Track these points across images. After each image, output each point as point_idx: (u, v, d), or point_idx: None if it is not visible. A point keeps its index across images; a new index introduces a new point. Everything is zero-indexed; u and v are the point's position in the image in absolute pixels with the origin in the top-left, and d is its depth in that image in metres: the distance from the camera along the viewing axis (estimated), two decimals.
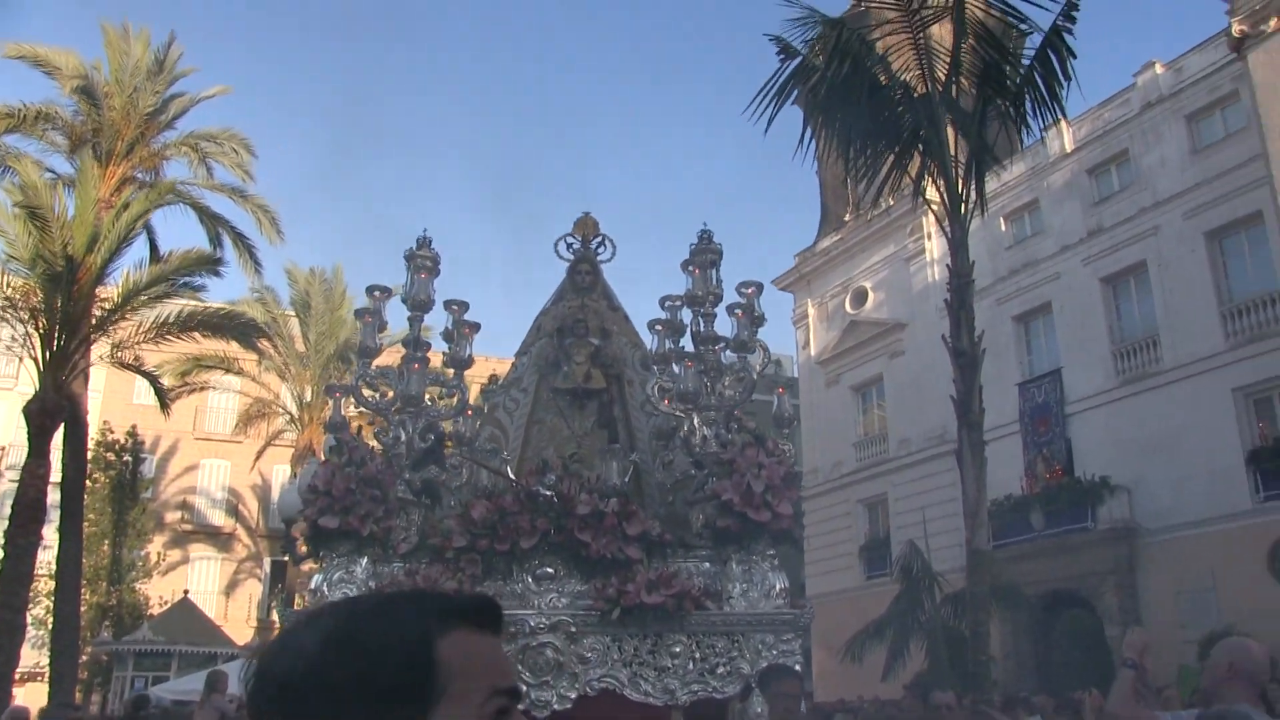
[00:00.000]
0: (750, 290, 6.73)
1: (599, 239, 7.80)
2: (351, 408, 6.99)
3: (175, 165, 25.77)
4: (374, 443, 6.35)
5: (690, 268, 6.72)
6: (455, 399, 6.75)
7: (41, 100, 23.24)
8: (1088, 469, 25.86)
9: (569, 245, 7.76)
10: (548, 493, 5.75)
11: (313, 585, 5.87)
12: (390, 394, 6.45)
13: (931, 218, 17.51)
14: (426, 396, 6.54)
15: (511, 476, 6.25)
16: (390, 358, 7.83)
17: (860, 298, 34.77)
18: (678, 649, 5.59)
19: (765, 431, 6.18)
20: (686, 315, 6.88)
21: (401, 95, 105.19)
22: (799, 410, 37.28)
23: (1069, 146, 28.38)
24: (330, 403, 6.70)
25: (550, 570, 5.75)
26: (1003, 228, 30.01)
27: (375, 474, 5.80)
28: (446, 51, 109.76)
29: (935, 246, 29.80)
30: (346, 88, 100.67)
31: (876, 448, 33.36)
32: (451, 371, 6.84)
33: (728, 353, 6.61)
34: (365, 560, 5.82)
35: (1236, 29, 22.00)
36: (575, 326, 7.34)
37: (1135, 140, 26.67)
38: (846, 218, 35.00)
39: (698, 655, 5.61)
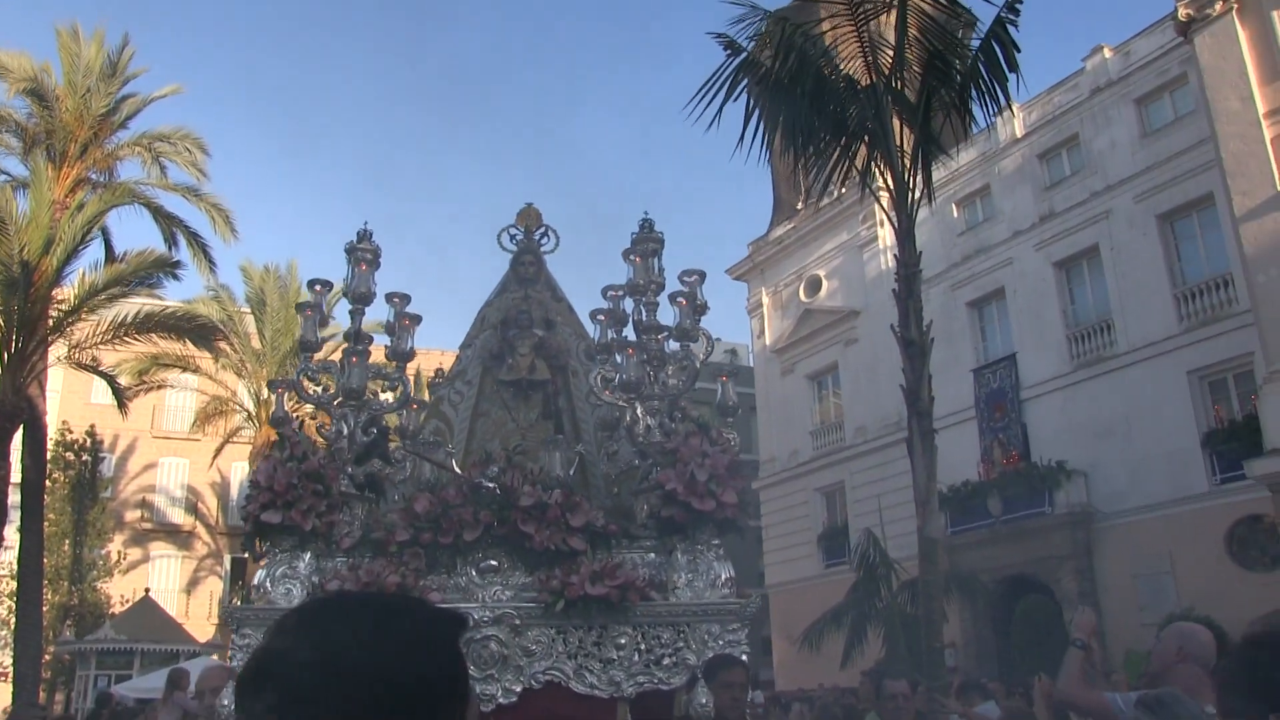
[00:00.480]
0: (693, 278, 6.71)
1: (542, 230, 7.77)
2: (298, 402, 6.90)
3: (129, 165, 25.61)
4: (318, 438, 6.30)
5: (631, 256, 6.69)
6: (398, 392, 6.69)
7: None
8: (1044, 454, 26.00)
9: (512, 237, 7.73)
10: (491, 485, 5.73)
11: (255, 581, 5.81)
12: (333, 388, 6.39)
13: (883, 205, 17.54)
14: (369, 390, 6.49)
15: (455, 469, 6.22)
16: (338, 353, 7.77)
17: (814, 286, 34.83)
18: (623, 640, 5.58)
19: (710, 420, 6.17)
20: (629, 305, 6.86)
21: (349, 89, 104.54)
22: (755, 399, 37.45)
23: (1019, 132, 28.51)
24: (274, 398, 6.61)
25: (494, 563, 5.74)
26: (955, 214, 30.16)
27: (317, 468, 5.75)
28: (389, 44, 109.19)
29: (888, 234, 29.87)
30: (298, 81, 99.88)
31: (833, 436, 33.44)
32: (394, 364, 6.79)
33: (671, 342, 6.58)
34: (309, 555, 5.78)
35: (1183, 12, 22.15)
36: (519, 318, 7.30)
37: (1085, 124, 26.85)
38: (799, 206, 35.06)
39: (643, 647, 5.60)
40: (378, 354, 7.06)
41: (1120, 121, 25.99)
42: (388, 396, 6.83)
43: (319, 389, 6.42)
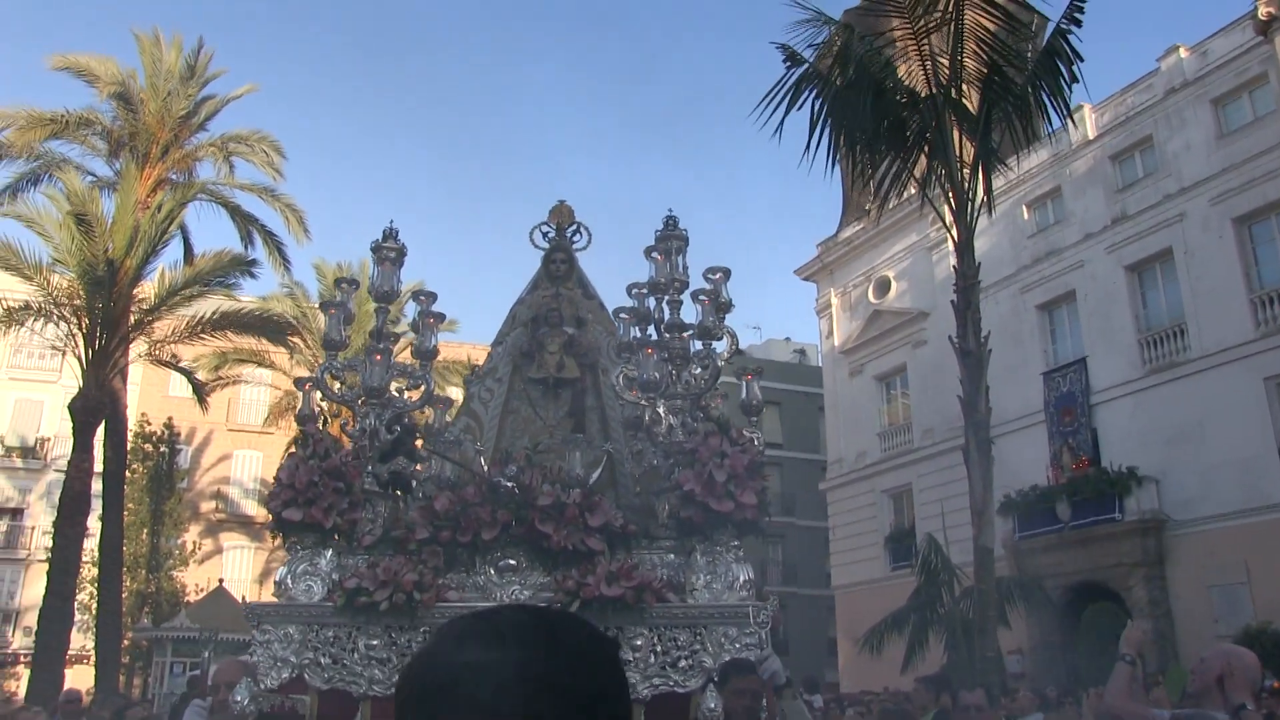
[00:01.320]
0: (718, 276, 6.68)
1: (574, 227, 7.76)
2: (324, 399, 6.99)
3: (207, 166, 26.38)
4: (344, 436, 6.37)
5: (654, 254, 6.66)
6: (421, 390, 6.73)
7: (84, 107, 23.94)
8: (1114, 459, 25.56)
9: (544, 234, 7.73)
10: (509, 484, 5.74)
11: (277, 577, 5.88)
12: (357, 385, 6.46)
13: (941, 216, 17.41)
14: (394, 388, 6.54)
15: (483, 466, 6.24)
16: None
17: (883, 287, 34.56)
18: (639, 642, 5.56)
19: (729, 419, 6.13)
20: (652, 302, 6.83)
21: (416, 92, 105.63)
22: (823, 400, 37.26)
23: (1091, 133, 28.03)
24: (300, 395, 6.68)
25: (512, 562, 5.75)
26: (1025, 216, 29.73)
27: (339, 466, 5.80)
28: (457, 54, 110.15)
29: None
30: (370, 82, 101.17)
31: (901, 438, 33.14)
32: (419, 362, 6.84)
33: (696, 341, 6.54)
34: (330, 552, 5.84)
35: (1263, 11, 21.66)
36: (549, 316, 7.30)
37: (1159, 126, 26.31)
38: (868, 207, 34.84)
39: (659, 649, 5.58)
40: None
41: (1195, 122, 25.42)
42: (414, 394, 6.85)
43: (344, 387, 6.48)
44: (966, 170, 15.53)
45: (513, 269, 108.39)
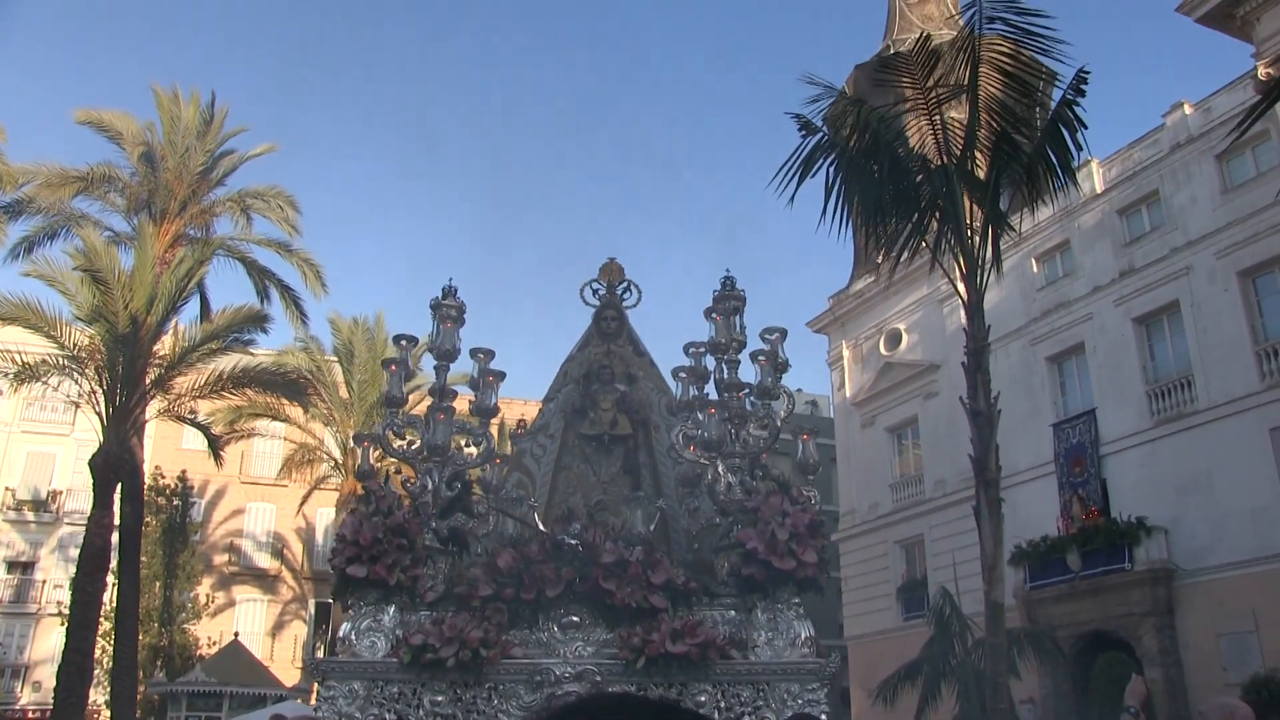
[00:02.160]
0: (774, 336, 6.85)
1: (624, 284, 7.91)
2: (384, 456, 7.13)
3: (224, 220, 26.63)
4: (403, 491, 6.50)
5: (713, 315, 6.83)
6: (481, 447, 6.88)
7: (100, 161, 24.22)
8: (1124, 509, 25.64)
9: (594, 291, 7.89)
10: (573, 541, 5.88)
11: (341, 633, 6.00)
12: (418, 442, 6.60)
13: (953, 281, 17.90)
14: (454, 444, 6.68)
15: (538, 524, 6.37)
16: (423, 405, 7.97)
17: (894, 339, 34.78)
18: (703, 698, 5.67)
19: (790, 478, 6.28)
20: (710, 362, 6.99)
21: (440, 134, 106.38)
22: (835, 451, 37.37)
23: (1099, 187, 28.37)
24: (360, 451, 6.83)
25: (575, 619, 5.87)
26: (1035, 269, 29.99)
27: (402, 522, 5.94)
28: (481, 93, 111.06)
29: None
30: (386, 131, 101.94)
31: (912, 489, 33.22)
32: (478, 420, 6.99)
33: (752, 399, 6.70)
34: (393, 608, 5.96)
35: (1263, 72, 21.93)
36: (601, 373, 7.46)
37: (1165, 180, 26.64)
38: (880, 260, 35.14)
39: (723, 704, 5.68)
40: (462, 407, 7.24)
41: (1201, 177, 25.75)
42: (472, 451, 7.00)
43: (404, 443, 6.62)
44: (976, 235, 15.88)
45: (536, 321, 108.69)
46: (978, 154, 15.55)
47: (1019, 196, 16.98)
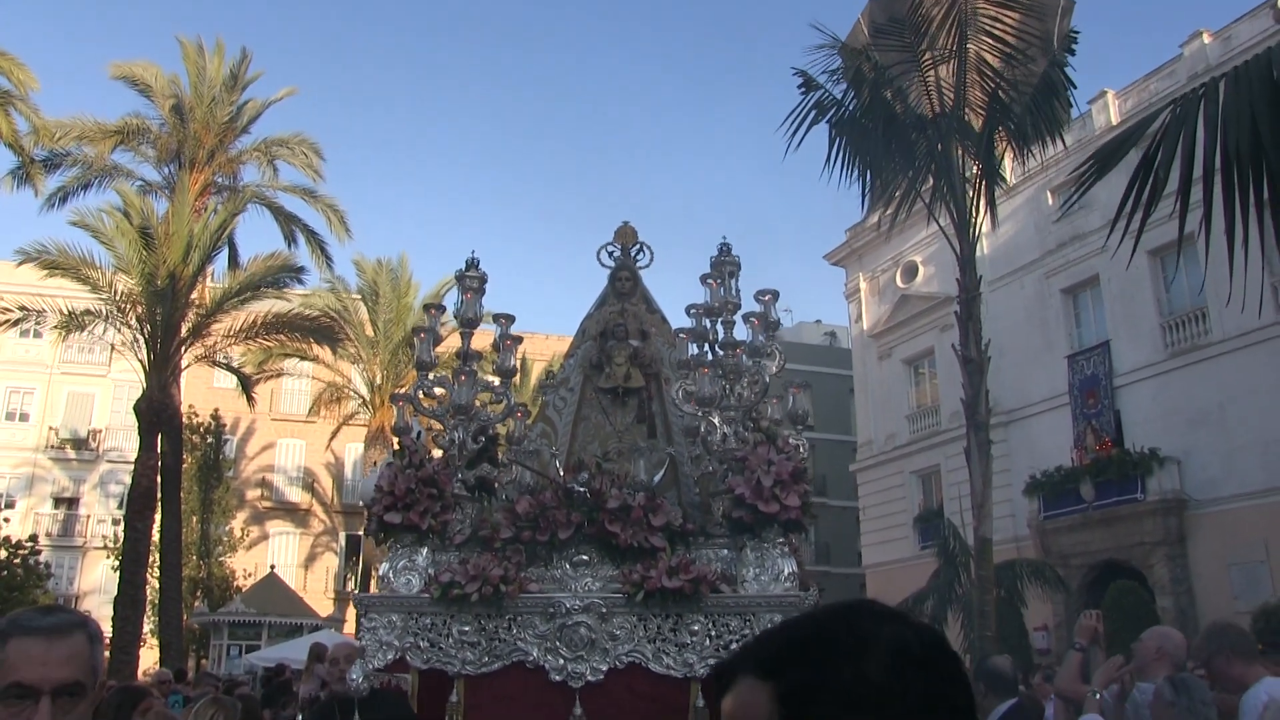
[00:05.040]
0: (767, 298, 7.43)
1: (637, 247, 8.51)
2: (415, 414, 7.79)
3: (250, 168, 27.28)
4: (434, 446, 7.17)
5: (709, 280, 7.42)
6: (503, 404, 7.55)
7: (129, 113, 24.90)
8: (1137, 441, 26.15)
9: (610, 253, 8.49)
10: (582, 489, 6.53)
11: (380, 572, 6.70)
12: (447, 400, 7.25)
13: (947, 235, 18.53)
14: (478, 401, 7.34)
15: (559, 470, 7.04)
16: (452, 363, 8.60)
17: (910, 272, 35.16)
18: (696, 627, 6.30)
19: (776, 430, 6.90)
20: (708, 323, 7.58)
21: (453, 92, 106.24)
22: (853, 383, 37.99)
23: (1115, 119, 28.45)
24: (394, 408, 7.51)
25: (585, 557, 6.53)
26: (1050, 201, 30.20)
27: (432, 474, 6.60)
28: (501, 49, 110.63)
29: (985, 222, 30.25)
30: (404, 75, 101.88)
31: (929, 420, 33.79)
32: (499, 379, 7.65)
33: (744, 358, 7.29)
34: (425, 550, 6.63)
35: None
36: (616, 330, 8.05)
37: None
38: (879, 218, 35.55)
39: (714, 633, 6.32)
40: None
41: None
42: (496, 407, 7.66)
43: (434, 402, 7.28)
44: (971, 187, 16.49)
45: (558, 256, 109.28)
46: (970, 112, 16.11)
47: (1033, 129, 17.54)
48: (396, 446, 6.84)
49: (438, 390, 7.31)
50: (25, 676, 1.98)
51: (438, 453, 7.02)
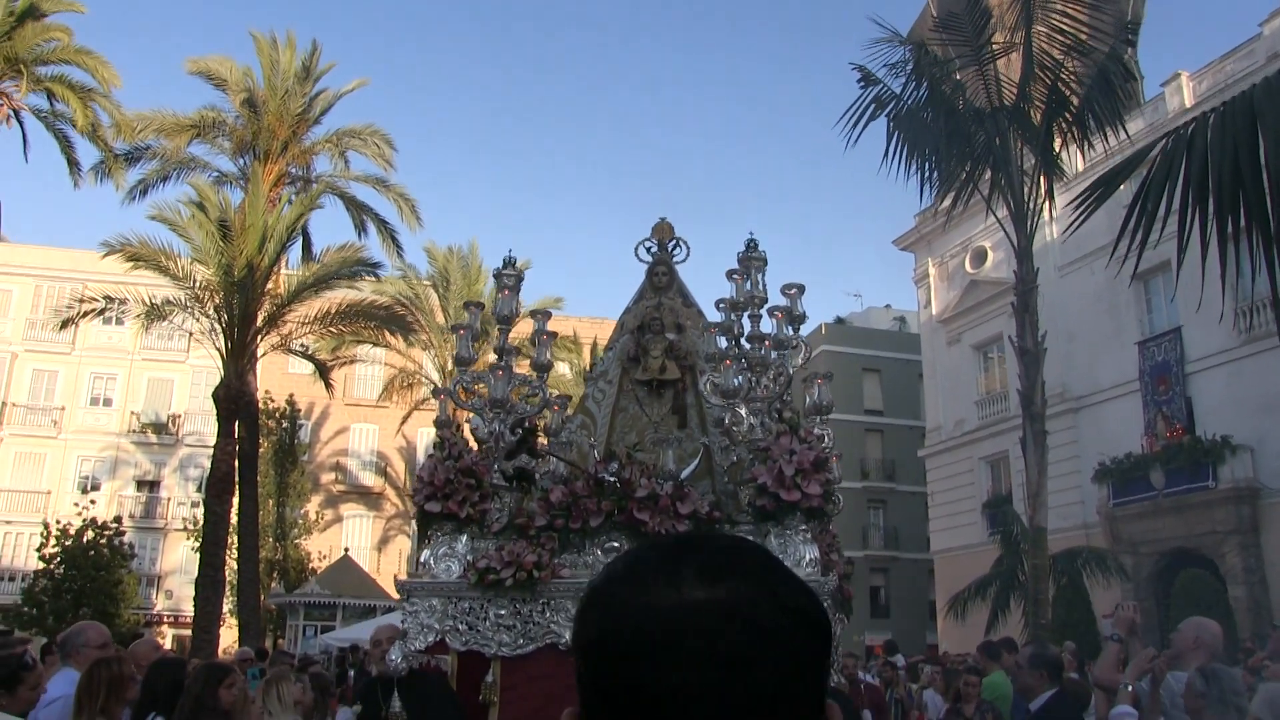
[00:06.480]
0: (793, 291, 7.62)
1: (674, 242, 8.73)
2: (456, 407, 8.08)
3: (322, 158, 27.87)
4: (473, 439, 7.46)
5: (735, 275, 7.63)
6: (538, 398, 7.83)
7: (205, 105, 25.60)
8: (1209, 428, 25.83)
9: (648, 249, 8.72)
10: (612, 479, 6.78)
11: (422, 559, 7.01)
12: (486, 394, 7.53)
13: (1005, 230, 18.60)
14: (516, 395, 7.61)
15: (583, 466, 7.30)
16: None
17: (980, 257, 34.93)
18: None
19: (799, 420, 7.08)
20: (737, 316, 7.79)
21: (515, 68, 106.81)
22: (921, 368, 37.86)
23: (1189, 101, 27.99)
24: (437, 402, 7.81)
25: (615, 544, 6.79)
26: (1123, 185, 29.75)
27: (470, 465, 6.89)
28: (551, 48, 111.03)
29: (1056, 204, 30.01)
30: (476, 66, 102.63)
31: (998, 405, 33.58)
32: (536, 374, 7.91)
33: (771, 351, 7.49)
34: (464, 537, 6.93)
35: None
36: (652, 324, 8.29)
37: None
38: (939, 203, 35.37)
39: None
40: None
41: None
42: (532, 400, 7.94)
43: (472, 397, 7.56)
44: (1029, 180, 16.50)
45: (614, 240, 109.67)
46: (1030, 105, 16.11)
47: (1094, 118, 17.49)
48: (437, 439, 7.13)
49: (477, 385, 7.60)
50: None
51: (475, 444, 7.31)
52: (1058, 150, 17.73)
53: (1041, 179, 17.14)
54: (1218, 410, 25.83)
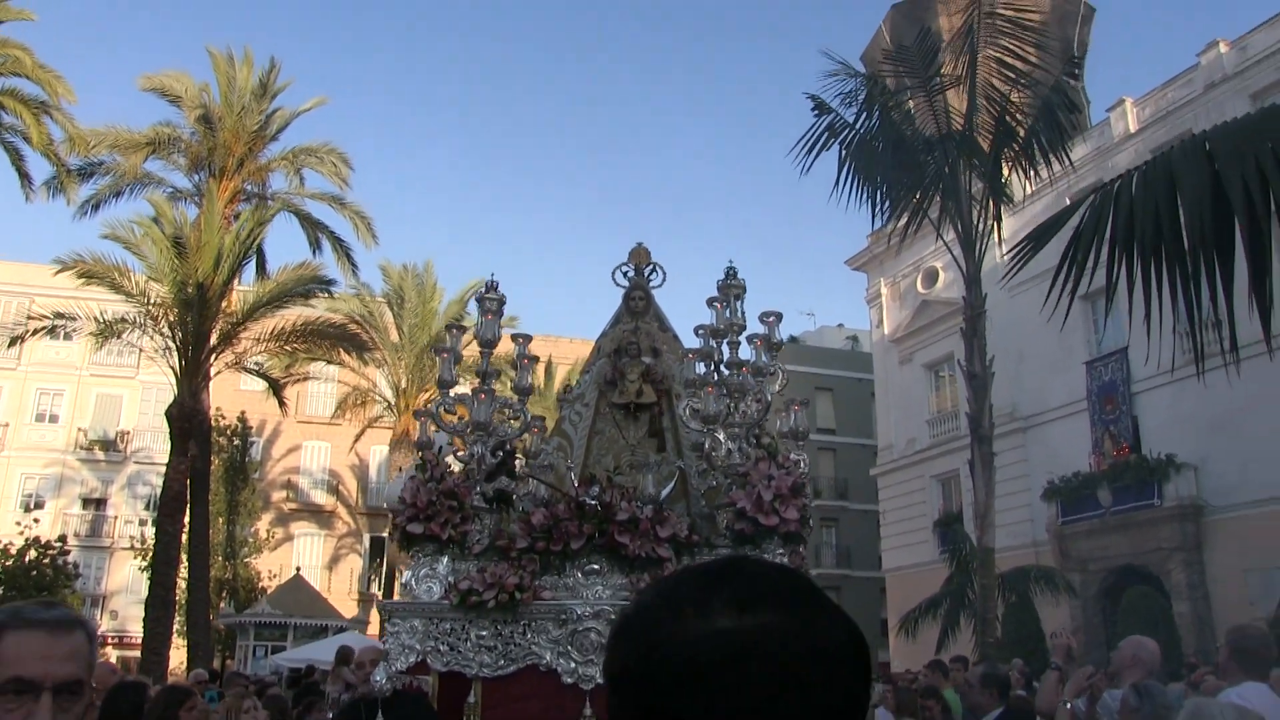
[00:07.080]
0: (771, 319, 7.78)
1: (651, 267, 8.86)
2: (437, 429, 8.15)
3: (278, 175, 27.74)
4: (454, 461, 7.53)
5: (715, 303, 7.76)
6: (519, 421, 7.90)
7: (160, 121, 25.43)
8: (1154, 447, 26.30)
9: (624, 274, 8.84)
10: (593, 502, 6.88)
11: (403, 580, 7.06)
12: (467, 416, 7.60)
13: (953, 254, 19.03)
14: (496, 417, 7.68)
15: (573, 482, 7.39)
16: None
17: (931, 277, 35.37)
18: None
19: (777, 445, 7.22)
20: (714, 343, 7.92)
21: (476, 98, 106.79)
22: (874, 387, 38.23)
23: (1133, 127, 28.65)
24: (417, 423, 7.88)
25: (596, 567, 6.86)
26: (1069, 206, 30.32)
27: (452, 487, 6.96)
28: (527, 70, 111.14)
29: (1005, 227, 30.47)
30: (426, 80, 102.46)
31: (949, 424, 33.96)
32: (517, 396, 7.99)
33: (748, 377, 7.63)
34: (446, 558, 6.99)
35: None
36: (629, 347, 8.40)
37: (1199, 120, 26.64)
38: (891, 234, 35.89)
39: None
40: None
41: (1236, 115, 25.94)
42: (513, 423, 8.01)
43: (455, 418, 7.63)
44: (979, 206, 16.93)
45: (586, 261, 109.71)
46: (978, 133, 16.55)
47: (1038, 145, 17.96)
48: (419, 460, 7.18)
49: (458, 407, 7.67)
50: (27, 671, 1.90)
51: (457, 466, 7.38)
52: (1006, 176, 18.16)
53: (990, 204, 17.56)
54: (1163, 429, 26.32)
